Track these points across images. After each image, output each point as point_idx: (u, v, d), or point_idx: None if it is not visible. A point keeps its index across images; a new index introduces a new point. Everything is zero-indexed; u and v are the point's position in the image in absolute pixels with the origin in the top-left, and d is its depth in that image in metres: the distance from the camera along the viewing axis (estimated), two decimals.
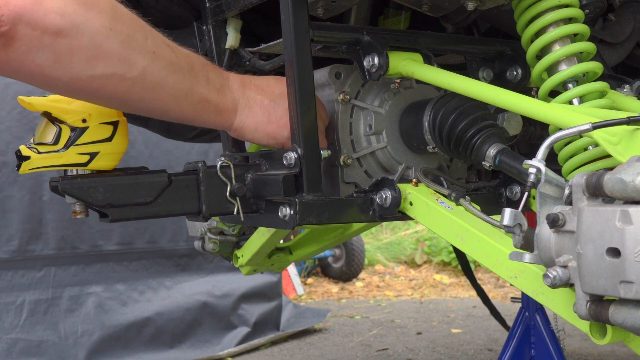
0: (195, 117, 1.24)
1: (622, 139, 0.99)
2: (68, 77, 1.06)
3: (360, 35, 1.31)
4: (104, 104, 1.19)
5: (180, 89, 1.18)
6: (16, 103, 3.42)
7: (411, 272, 7.09)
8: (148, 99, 1.16)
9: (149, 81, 1.14)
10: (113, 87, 1.10)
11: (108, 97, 1.13)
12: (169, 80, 1.16)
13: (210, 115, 1.25)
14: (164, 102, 1.18)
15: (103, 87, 1.10)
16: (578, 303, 0.88)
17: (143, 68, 1.12)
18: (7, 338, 3.35)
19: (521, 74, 1.44)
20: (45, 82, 1.08)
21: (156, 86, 1.15)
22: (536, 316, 2.48)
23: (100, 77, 1.08)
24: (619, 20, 1.61)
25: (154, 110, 1.20)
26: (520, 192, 1.43)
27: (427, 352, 3.96)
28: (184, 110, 1.21)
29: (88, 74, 1.07)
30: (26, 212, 3.48)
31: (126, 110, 1.22)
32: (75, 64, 1.05)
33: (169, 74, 1.16)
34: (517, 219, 0.96)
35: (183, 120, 1.25)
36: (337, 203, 1.25)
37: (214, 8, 1.46)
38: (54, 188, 1.20)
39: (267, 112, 1.29)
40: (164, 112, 1.21)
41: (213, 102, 1.24)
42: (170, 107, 1.20)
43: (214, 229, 1.96)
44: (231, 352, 3.90)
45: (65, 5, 1.01)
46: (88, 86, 1.09)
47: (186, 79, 1.19)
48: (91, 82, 1.08)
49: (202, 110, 1.23)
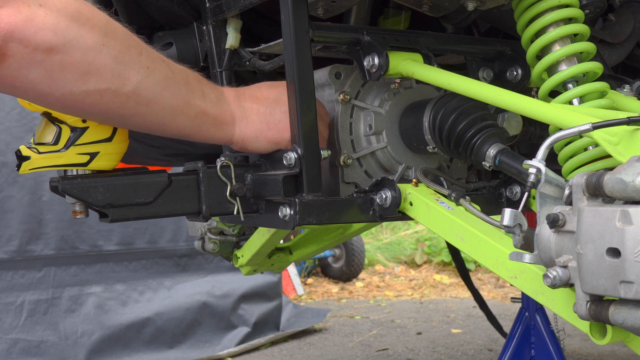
0: (193, 131, 1.23)
1: (622, 139, 0.99)
2: (61, 92, 1.06)
3: (360, 35, 1.31)
4: (99, 120, 1.18)
5: (176, 103, 1.18)
6: (15, 103, 3.42)
7: (411, 272, 7.09)
8: (143, 114, 1.15)
9: (144, 96, 1.13)
10: (107, 103, 1.10)
11: (102, 113, 1.13)
12: (164, 95, 1.16)
13: (209, 129, 1.24)
14: (160, 117, 1.18)
15: (97, 102, 1.10)
16: (578, 303, 0.88)
17: (137, 83, 1.12)
18: (7, 338, 3.35)
19: (521, 74, 1.44)
20: (39, 98, 1.08)
21: (151, 101, 1.15)
22: (536, 316, 2.48)
23: (93, 92, 1.08)
24: (619, 20, 1.61)
25: (151, 125, 1.19)
26: (520, 192, 1.43)
27: (427, 352, 3.96)
28: (181, 125, 1.21)
29: (81, 89, 1.07)
30: (26, 212, 3.48)
31: (122, 126, 1.21)
32: (68, 79, 1.05)
33: (164, 88, 1.16)
34: (517, 219, 0.96)
35: (181, 135, 1.24)
36: (337, 203, 1.25)
37: (214, 8, 1.46)
38: (54, 188, 1.20)
39: (264, 119, 1.29)
40: (160, 127, 1.21)
41: (211, 115, 1.23)
42: (166, 122, 1.19)
43: (214, 229, 1.96)
44: (231, 352, 3.90)
45: (57, 21, 1.01)
46: (81, 102, 1.09)
47: (182, 93, 1.18)
48: (84, 97, 1.08)
49: (200, 124, 1.23)
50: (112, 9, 1.53)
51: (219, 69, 1.47)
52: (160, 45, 1.52)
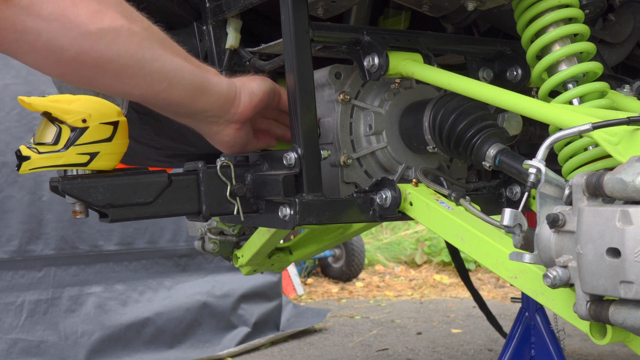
0: (203, 76, 1.23)
1: (622, 139, 0.99)
2: (77, 32, 1.05)
3: (360, 35, 1.31)
4: (118, 77, 1.14)
5: (180, 49, 1.21)
6: (15, 103, 3.42)
7: (411, 272, 7.09)
8: (160, 56, 1.15)
9: (157, 35, 1.16)
10: (124, 41, 1.10)
11: (121, 55, 1.11)
12: (168, 41, 1.19)
13: (214, 76, 1.25)
14: (174, 59, 1.18)
15: (114, 41, 1.09)
16: (578, 303, 0.88)
17: (149, 24, 1.16)
18: (7, 338, 3.35)
19: (521, 74, 1.44)
20: (52, 42, 1.05)
21: (163, 41, 1.17)
22: (536, 316, 2.48)
23: (109, 30, 1.08)
24: (619, 20, 1.61)
25: (167, 69, 1.17)
26: (520, 192, 1.43)
27: (427, 352, 3.96)
28: (191, 70, 1.21)
29: (97, 26, 1.06)
30: (26, 212, 3.48)
31: (142, 80, 1.17)
32: (82, 16, 1.04)
33: (166, 36, 1.19)
34: (517, 219, 0.96)
35: (195, 82, 1.22)
36: (337, 203, 1.25)
37: (214, 8, 1.46)
38: (54, 188, 1.20)
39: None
40: (178, 71, 1.19)
41: (211, 69, 1.26)
42: (180, 65, 1.19)
43: (214, 229, 1.96)
44: (231, 352, 3.90)
45: None
46: (98, 42, 1.07)
47: (180, 47, 1.22)
48: (101, 36, 1.07)
49: (205, 70, 1.24)
50: None
51: (219, 68, 1.48)
52: None
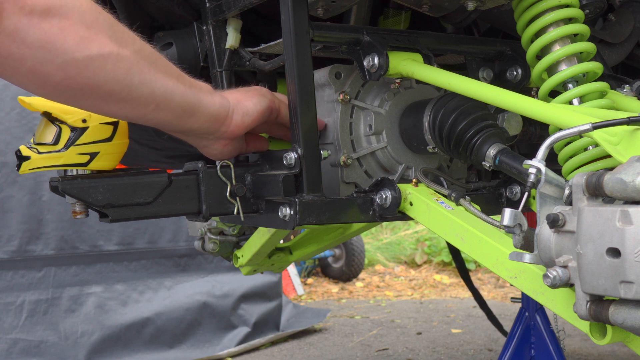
0: (194, 97, 1.21)
1: (622, 139, 0.99)
2: (62, 59, 1.02)
3: (360, 35, 1.31)
4: (103, 97, 1.11)
5: (173, 69, 1.18)
6: (15, 104, 3.42)
7: (411, 272, 7.09)
8: (149, 80, 1.13)
9: (147, 57, 1.12)
10: (112, 68, 1.07)
11: (108, 81, 1.08)
12: (161, 62, 1.16)
13: (206, 95, 1.22)
14: (165, 81, 1.15)
15: (101, 68, 1.06)
16: (578, 303, 0.88)
17: (141, 46, 1.12)
18: (7, 338, 3.35)
19: (521, 74, 1.44)
20: (38, 67, 1.02)
21: (154, 62, 1.13)
22: (536, 316, 2.48)
23: (96, 57, 1.05)
24: (619, 20, 1.61)
25: (156, 93, 1.15)
26: (520, 192, 1.43)
27: (427, 352, 3.96)
28: (182, 92, 1.18)
29: (84, 54, 1.03)
30: (26, 212, 3.48)
31: (128, 103, 1.14)
32: (70, 43, 1.02)
33: (159, 56, 1.16)
34: (517, 219, 0.96)
35: (185, 104, 1.20)
36: (337, 203, 1.25)
37: (214, 8, 1.46)
38: (54, 188, 1.20)
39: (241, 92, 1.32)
40: (167, 93, 1.16)
41: (204, 88, 1.23)
42: (171, 87, 1.16)
43: (214, 229, 1.96)
44: (231, 352, 3.90)
45: None
46: (84, 69, 1.04)
47: (174, 66, 1.20)
48: (87, 63, 1.04)
49: (198, 90, 1.21)
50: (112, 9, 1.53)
51: (219, 69, 1.47)
52: (160, 45, 1.52)
